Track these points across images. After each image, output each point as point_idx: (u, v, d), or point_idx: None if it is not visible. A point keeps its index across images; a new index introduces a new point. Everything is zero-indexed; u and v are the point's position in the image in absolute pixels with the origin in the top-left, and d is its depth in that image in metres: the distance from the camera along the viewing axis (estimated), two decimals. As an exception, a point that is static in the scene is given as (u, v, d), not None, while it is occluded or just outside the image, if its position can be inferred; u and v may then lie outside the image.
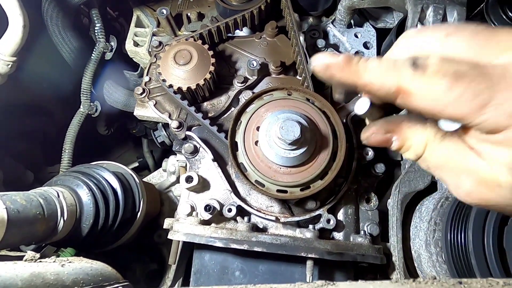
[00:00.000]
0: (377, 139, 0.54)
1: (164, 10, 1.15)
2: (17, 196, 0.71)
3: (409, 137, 0.51)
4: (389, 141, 0.53)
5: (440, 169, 0.50)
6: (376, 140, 0.54)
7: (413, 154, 0.52)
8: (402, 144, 0.52)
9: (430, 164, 0.51)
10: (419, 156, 0.51)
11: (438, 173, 0.51)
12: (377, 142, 0.54)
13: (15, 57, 0.99)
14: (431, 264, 0.84)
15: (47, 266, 0.53)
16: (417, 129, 0.50)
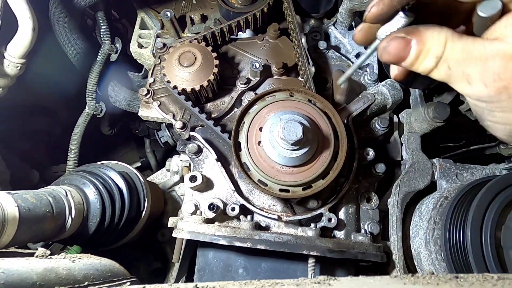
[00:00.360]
0: (397, 43, 0.53)
1: (168, 13, 1.17)
2: (27, 195, 0.73)
3: (427, 38, 0.51)
4: (408, 45, 0.52)
5: (465, 62, 0.50)
6: (396, 45, 0.53)
7: (433, 57, 0.51)
8: (421, 47, 0.52)
9: (451, 62, 0.51)
10: (439, 57, 0.51)
11: (462, 69, 0.50)
12: (396, 48, 0.53)
13: (24, 59, 1.02)
14: (431, 262, 0.86)
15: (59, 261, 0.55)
16: (434, 30, 0.51)
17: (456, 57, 0.50)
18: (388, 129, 1.06)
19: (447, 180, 0.96)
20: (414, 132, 1.07)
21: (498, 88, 0.49)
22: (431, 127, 1.04)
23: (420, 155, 1.01)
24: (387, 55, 0.55)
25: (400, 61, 0.54)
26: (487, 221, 0.71)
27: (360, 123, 1.06)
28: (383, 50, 0.55)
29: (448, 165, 0.99)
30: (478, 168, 0.98)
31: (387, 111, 1.09)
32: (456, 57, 0.50)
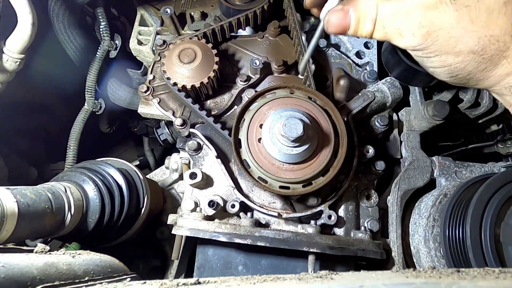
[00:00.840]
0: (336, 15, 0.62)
1: (168, 9, 1.17)
2: (26, 190, 0.72)
3: (362, 5, 0.59)
4: (346, 15, 0.61)
5: (394, 18, 0.58)
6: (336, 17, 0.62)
7: (369, 21, 0.59)
8: (358, 14, 0.60)
9: (384, 20, 0.58)
10: (374, 19, 0.59)
11: (393, 25, 0.58)
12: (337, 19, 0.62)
13: (23, 55, 1.01)
14: (430, 259, 0.86)
15: (59, 257, 0.54)
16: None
17: (388, 15, 0.58)
18: (388, 127, 1.06)
19: (446, 178, 0.97)
20: (413, 130, 1.07)
21: (423, 35, 0.55)
22: (430, 125, 1.04)
23: (419, 153, 1.02)
24: (332, 27, 0.64)
25: (345, 30, 0.63)
26: (486, 218, 0.71)
27: (359, 121, 1.07)
28: (327, 24, 0.64)
29: (447, 163, 0.99)
30: (477, 166, 0.99)
31: (386, 109, 1.09)
32: (387, 15, 0.58)
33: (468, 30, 0.52)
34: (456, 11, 0.52)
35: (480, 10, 0.51)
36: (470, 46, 0.53)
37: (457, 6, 0.52)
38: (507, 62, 0.53)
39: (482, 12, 0.51)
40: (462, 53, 0.54)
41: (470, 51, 0.54)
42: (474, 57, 0.54)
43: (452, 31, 0.53)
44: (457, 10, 0.52)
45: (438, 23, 0.54)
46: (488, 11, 0.51)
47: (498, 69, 0.54)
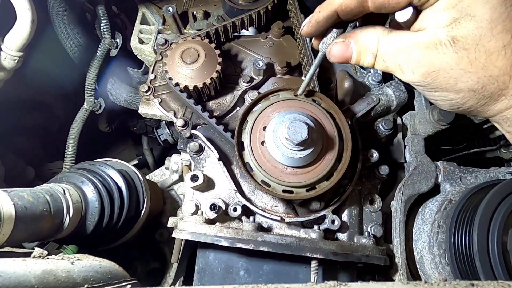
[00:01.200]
0: (338, 47, 0.64)
1: (171, 8, 1.15)
2: (24, 193, 0.71)
3: (363, 38, 0.61)
4: (348, 47, 0.63)
5: (394, 55, 0.58)
6: (338, 48, 0.64)
7: (370, 54, 0.61)
8: (359, 47, 0.62)
9: (385, 56, 0.60)
10: (375, 53, 0.60)
11: (394, 60, 0.59)
12: (339, 51, 0.64)
13: (22, 52, 0.99)
14: (434, 266, 0.85)
15: (57, 263, 0.53)
16: (368, 30, 0.61)
17: (388, 51, 0.59)
18: (392, 131, 1.05)
19: (451, 183, 0.96)
20: (418, 134, 1.06)
21: (422, 74, 0.56)
22: (435, 130, 1.03)
23: (424, 158, 1.01)
24: (333, 58, 0.66)
25: (347, 60, 0.65)
26: (494, 226, 0.70)
27: (363, 124, 1.05)
28: (329, 54, 0.67)
29: (452, 168, 0.98)
30: (482, 172, 0.98)
31: (391, 113, 1.08)
32: (388, 51, 0.59)
33: (467, 71, 0.54)
34: (456, 53, 0.53)
35: (479, 53, 0.52)
36: (470, 85, 0.55)
37: (456, 48, 0.53)
38: (506, 98, 0.54)
39: (481, 55, 0.52)
40: (462, 91, 0.56)
41: (470, 89, 0.55)
42: (474, 94, 0.55)
43: (452, 71, 0.54)
44: (456, 52, 0.53)
45: (437, 64, 0.55)
46: (487, 54, 0.52)
47: (498, 104, 0.56)
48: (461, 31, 0.52)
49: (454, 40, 0.53)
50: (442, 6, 0.53)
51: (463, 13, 0.51)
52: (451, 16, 0.52)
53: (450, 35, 0.53)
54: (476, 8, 0.51)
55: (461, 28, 0.52)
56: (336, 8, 0.60)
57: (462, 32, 0.52)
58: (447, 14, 0.52)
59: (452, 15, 0.52)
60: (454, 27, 0.52)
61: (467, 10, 0.51)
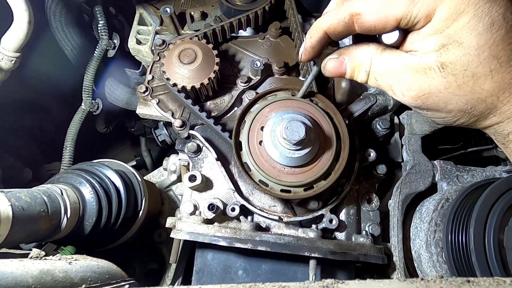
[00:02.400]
0: (332, 63, 0.66)
1: (168, 9, 1.15)
2: (21, 193, 0.70)
3: (357, 56, 0.62)
4: (342, 64, 0.65)
5: (385, 75, 0.60)
6: (332, 64, 0.66)
7: (363, 71, 0.62)
8: (353, 64, 0.63)
9: (377, 75, 0.61)
10: (368, 71, 0.62)
11: (385, 80, 0.60)
12: (333, 67, 0.66)
13: (19, 53, 0.98)
14: (431, 264, 0.86)
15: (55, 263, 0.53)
16: (362, 48, 0.62)
17: (380, 70, 0.61)
18: (389, 130, 1.06)
19: (448, 182, 0.96)
20: (415, 134, 1.06)
21: (412, 97, 0.58)
22: (432, 129, 1.04)
23: (421, 157, 1.01)
24: (328, 73, 0.68)
25: (341, 75, 0.66)
26: (490, 223, 0.71)
27: (361, 124, 1.06)
28: (323, 69, 0.68)
29: (449, 167, 0.98)
30: (479, 170, 0.98)
31: (388, 112, 1.08)
32: (379, 70, 0.61)
33: (455, 95, 0.55)
34: (444, 78, 0.55)
35: (467, 78, 0.54)
36: (460, 107, 0.57)
37: (445, 74, 0.54)
38: (494, 116, 0.57)
39: (469, 79, 0.54)
40: (452, 111, 0.58)
41: (460, 110, 0.57)
42: (464, 114, 0.58)
43: (441, 95, 0.56)
44: (445, 77, 0.54)
45: (426, 88, 0.56)
46: (475, 78, 0.54)
47: (487, 121, 0.58)
48: (450, 57, 0.53)
49: (443, 65, 0.54)
50: (429, 31, 0.54)
51: (450, 39, 0.53)
52: (439, 42, 0.54)
53: (439, 61, 0.54)
54: (463, 35, 0.52)
55: (449, 54, 0.53)
56: (325, 30, 0.61)
57: (450, 58, 0.53)
58: (435, 39, 0.54)
59: (440, 41, 0.54)
60: (443, 53, 0.54)
61: (454, 37, 0.52)
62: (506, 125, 0.57)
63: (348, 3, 0.58)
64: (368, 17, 0.56)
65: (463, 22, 0.51)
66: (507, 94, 0.54)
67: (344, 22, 0.58)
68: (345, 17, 0.57)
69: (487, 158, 1.41)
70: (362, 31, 0.59)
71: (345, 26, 0.59)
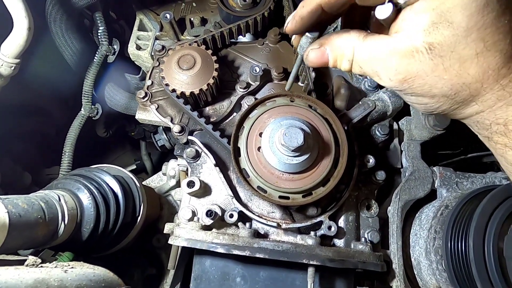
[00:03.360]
0: (314, 53, 0.65)
1: (168, 15, 1.16)
2: (18, 200, 0.70)
3: (338, 45, 0.62)
4: (324, 54, 0.64)
5: (370, 61, 0.59)
6: (314, 54, 0.65)
7: (346, 61, 0.61)
8: (335, 54, 0.62)
9: (361, 63, 0.60)
10: (351, 60, 0.61)
11: (370, 67, 0.60)
12: (315, 57, 0.65)
13: (19, 60, 0.99)
14: (431, 272, 0.85)
15: (50, 272, 0.52)
16: (343, 36, 0.61)
17: (364, 58, 0.60)
18: (388, 136, 1.05)
19: (448, 189, 0.96)
20: (414, 140, 1.06)
21: (399, 81, 0.57)
22: (431, 135, 1.04)
23: (420, 163, 1.01)
24: (311, 63, 0.67)
25: (324, 65, 0.65)
26: (489, 231, 0.70)
27: (359, 130, 1.06)
28: (306, 60, 0.68)
29: (448, 174, 0.98)
30: (478, 177, 0.98)
31: (387, 118, 1.08)
32: (363, 58, 0.60)
33: (441, 78, 0.55)
34: (431, 60, 0.54)
35: (454, 60, 0.54)
36: (444, 92, 0.56)
37: (432, 56, 0.54)
38: (476, 104, 0.56)
39: (455, 62, 0.54)
40: (436, 96, 0.58)
41: (444, 95, 0.57)
42: (447, 100, 0.57)
43: (427, 78, 0.56)
44: (432, 59, 0.54)
45: (413, 71, 0.56)
46: (461, 61, 0.53)
47: (469, 109, 0.58)
48: (438, 37, 0.53)
49: (430, 47, 0.53)
50: (422, 7, 0.53)
51: (442, 18, 0.52)
52: (430, 20, 0.53)
53: (427, 41, 0.53)
54: (455, 14, 0.51)
55: (438, 34, 0.53)
56: (320, 1, 0.59)
57: (438, 39, 0.53)
58: (426, 16, 0.53)
59: (431, 18, 0.52)
60: (432, 32, 0.53)
61: (446, 15, 0.51)
62: (487, 114, 0.56)
63: None
64: None
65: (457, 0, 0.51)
66: (490, 81, 0.53)
67: None
68: None
69: (487, 164, 1.40)
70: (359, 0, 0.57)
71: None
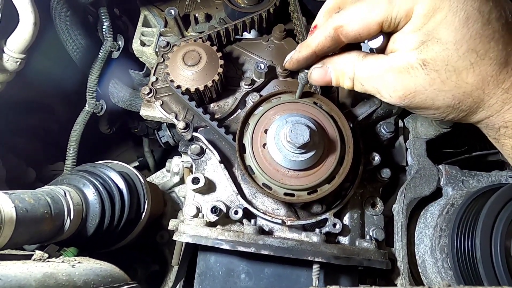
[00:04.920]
0: (317, 72, 0.68)
1: (172, 11, 1.15)
2: (25, 195, 0.70)
3: (340, 64, 0.65)
4: (326, 72, 0.67)
5: (370, 79, 0.61)
6: (317, 73, 0.68)
7: (348, 79, 0.64)
8: (337, 72, 0.65)
9: (362, 80, 0.63)
10: (352, 78, 0.64)
11: (371, 84, 0.62)
12: (318, 75, 0.68)
13: (24, 55, 0.99)
14: (436, 270, 0.85)
15: (58, 266, 0.52)
16: (343, 56, 0.65)
17: (364, 76, 0.62)
18: (394, 134, 1.05)
19: (453, 187, 0.95)
20: (419, 138, 1.05)
21: (399, 97, 0.59)
22: (437, 133, 1.03)
23: (425, 161, 1.00)
24: (315, 82, 0.71)
25: (327, 83, 0.69)
26: (496, 230, 0.70)
27: (365, 127, 1.05)
28: (310, 79, 0.72)
29: (454, 172, 0.97)
30: (484, 175, 0.97)
31: (392, 116, 1.07)
32: (363, 76, 0.62)
33: (441, 91, 0.56)
34: (427, 75, 0.55)
35: (450, 72, 0.54)
36: (447, 103, 0.57)
37: (427, 71, 0.55)
38: (483, 109, 0.57)
39: (451, 74, 0.55)
40: (441, 107, 0.58)
41: (448, 106, 0.58)
42: (453, 110, 0.58)
43: (426, 92, 0.57)
44: (427, 74, 0.55)
45: (411, 87, 0.57)
46: (457, 73, 0.54)
47: (477, 115, 0.59)
48: (429, 53, 0.54)
49: (424, 62, 0.55)
50: (410, 29, 0.55)
51: (429, 36, 0.54)
52: (419, 39, 0.55)
53: (419, 58, 0.55)
54: (440, 31, 0.53)
55: (429, 51, 0.54)
56: (314, 49, 0.64)
57: (430, 55, 0.54)
58: (415, 36, 0.55)
59: (420, 38, 0.55)
60: (423, 50, 0.55)
61: (433, 33, 0.53)
62: (495, 118, 0.57)
63: (330, 19, 0.60)
64: (351, 27, 0.58)
65: (439, 18, 0.52)
66: (491, 87, 0.54)
67: (331, 37, 0.61)
68: (330, 32, 0.60)
69: (492, 163, 1.39)
70: (349, 41, 0.61)
71: (332, 40, 0.61)
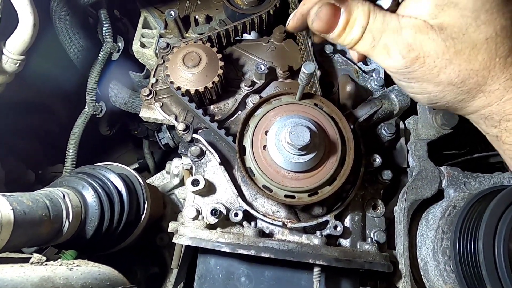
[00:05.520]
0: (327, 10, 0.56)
1: (173, 12, 1.15)
2: (23, 197, 0.70)
3: (354, 8, 0.55)
4: (337, 13, 0.56)
5: (384, 33, 0.54)
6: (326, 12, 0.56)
7: (359, 27, 0.55)
8: (349, 16, 0.55)
9: (374, 32, 0.55)
10: (364, 27, 0.55)
11: (383, 40, 0.55)
12: (326, 14, 0.56)
13: (24, 56, 0.98)
14: (438, 273, 0.84)
15: (55, 270, 0.52)
16: (359, 1, 0.56)
17: (378, 27, 0.54)
18: (395, 135, 1.04)
19: (455, 189, 0.94)
20: (421, 139, 1.05)
21: (412, 59, 0.53)
22: (438, 134, 1.02)
23: (427, 163, 1.00)
24: (318, 22, 0.57)
25: (329, 30, 0.57)
26: (499, 233, 0.69)
27: (366, 129, 1.05)
28: (314, 16, 0.57)
29: (456, 173, 0.97)
30: (486, 177, 0.97)
31: (393, 117, 1.07)
32: (378, 27, 0.54)
33: (451, 62, 0.53)
34: (443, 41, 0.52)
35: (465, 44, 0.52)
36: (451, 78, 0.54)
37: (444, 36, 0.52)
38: (483, 95, 0.54)
39: (466, 46, 0.52)
40: (442, 83, 0.54)
41: (450, 83, 0.54)
42: (453, 88, 0.54)
43: (437, 60, 0.53)
44: (444, 40, 0.52)
45: (426, 50, 0.53)
46: (472, 45, 0.52)
47: (475, 101, 0.55)
48: (446, 18, 0.51)
49: (441, 27, 0.51)
50: None
51: (445, 0, 0.51)
52: (433, 3, 0.51)
53: (436, 22, 0.51)
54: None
55: (446, 16, 0.51)
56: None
57: (447, 20, 0.51)
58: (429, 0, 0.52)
59: (435, 1, 0.51)
60: (438, 14, 0.51)
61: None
62: (495, 108, 0.53)
63: None
64: None
65: None
66: (497, 69, 0.51)
67: None
68: None
69: (494, 164, 1.39)
70: None
71: None
